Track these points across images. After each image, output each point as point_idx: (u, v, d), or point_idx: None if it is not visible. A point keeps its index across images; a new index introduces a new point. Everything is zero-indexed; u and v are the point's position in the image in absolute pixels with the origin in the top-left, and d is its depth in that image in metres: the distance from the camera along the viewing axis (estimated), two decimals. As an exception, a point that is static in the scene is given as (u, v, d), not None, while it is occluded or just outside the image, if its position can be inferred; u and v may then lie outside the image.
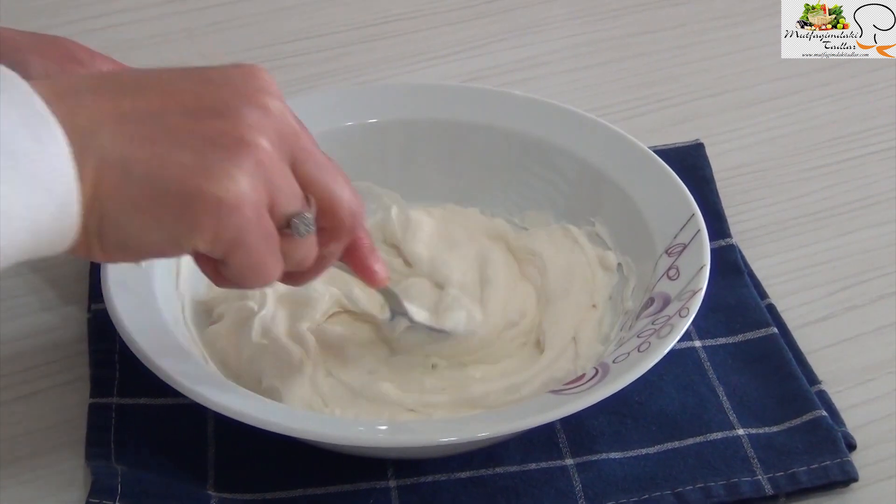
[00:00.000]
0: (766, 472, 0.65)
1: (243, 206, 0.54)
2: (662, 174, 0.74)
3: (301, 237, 0.57)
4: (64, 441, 0.68)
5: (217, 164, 0.53)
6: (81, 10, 1.00)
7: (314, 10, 1.01)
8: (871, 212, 0.83)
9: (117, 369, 0.70)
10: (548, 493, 0.65)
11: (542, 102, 0.80)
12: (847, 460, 0.66)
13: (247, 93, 0.56)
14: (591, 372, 0.64)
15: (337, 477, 0.66)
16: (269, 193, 0.55)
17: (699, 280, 0.67)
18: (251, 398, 0.64)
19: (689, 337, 0.72)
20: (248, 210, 0.54)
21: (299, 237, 0.57)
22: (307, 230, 0.57)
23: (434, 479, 0.66)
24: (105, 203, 0.53)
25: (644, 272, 0.71)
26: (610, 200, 0.75)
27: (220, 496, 0.65)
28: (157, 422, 0.68)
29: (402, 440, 0.62)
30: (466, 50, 0.97)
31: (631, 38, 0.99)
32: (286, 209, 0.56)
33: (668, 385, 0.69)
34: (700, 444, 0.67)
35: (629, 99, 0.92)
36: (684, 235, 0.70)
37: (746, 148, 0.88)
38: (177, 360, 0.64)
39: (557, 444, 0.67)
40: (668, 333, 0.64)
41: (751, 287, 0.75)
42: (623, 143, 0.77)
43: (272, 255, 0.57)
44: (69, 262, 0.78)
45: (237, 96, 0.55)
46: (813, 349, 0.73)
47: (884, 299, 0.77)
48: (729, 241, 0.78)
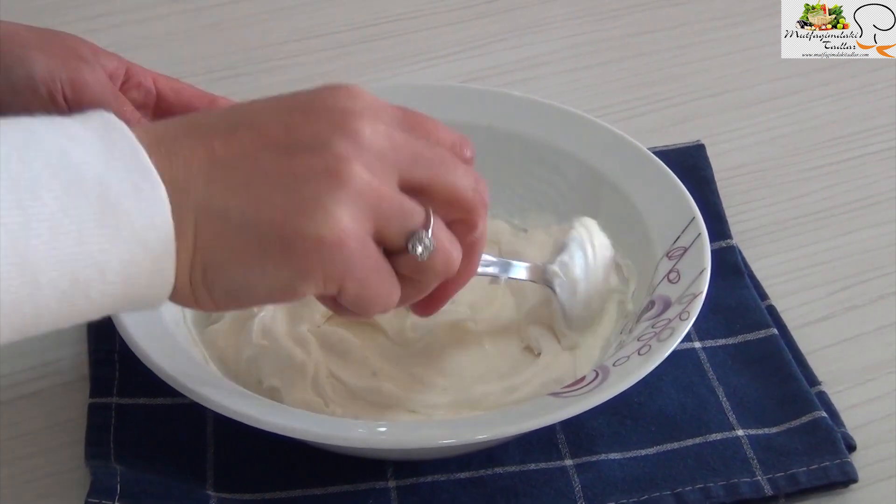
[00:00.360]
0: (765, 472, 0.65)
1: (346, 241, 0.53)
2: (663, 177, 0.74)
3: (422, 259, 0.56)
4: (63, 441, 0.68)
5: (312, 202, 0.52)
6: (82, 10, 1.00)
7: (314, 10, 1.01)
8: (871, 212, 0.83)
9: (117, 369, 0.70)
10: (547, 493, 0.65)
11: (542, 103, 0.80)
12: (847, 461, 0.66)
13: (336, 120, 0.54)
14: (591, 375, 0.64)
15: (336, 477, 0.66)
16: (374, 221, 0.54)
17: (700, 284, 0.67)
18: (251, 398, 0.64)
19: (689, 338, 0.72)
20: (352, 243, 0.53)
21: (422, 259, 0.56)
22: (426, 249, 0.56)
23: (433, 480, 0.66)
24: (207, 254, 0.52)
25: (644, 275, 0.71)
26: (610, 202, 0.75)
27: (219, 496, 0.65)
28: (157, 422, 0.68)
29: (402, 442, 0.62)
30: (466, 50, 0.97)
31: (631, 38, 0.99)
32: (400, 231, 0.55)
33: (667, 386, 0.70)
34: (700, 445, 0.67)
35: (629, 99, 0.92)
36: (685, 238, 0.70)
37: (746, 148, 0.88)
38: (176, 360, 0.64)
39: (557, 444, 0.67)
40: (669, 337, 0.64)
41: (751, 288, 0.75)
42: (624, 145, 0.76)
43: (385, 283, 0.56)
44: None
45: (327, 126, 0.54)
46: (813, 349, 0.73)
47: (884, 299, 0.77)
48: (729, 243, 0.78)
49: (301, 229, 0.52)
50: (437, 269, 0.57)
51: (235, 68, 0.95)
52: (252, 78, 0.94)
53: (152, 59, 0.80)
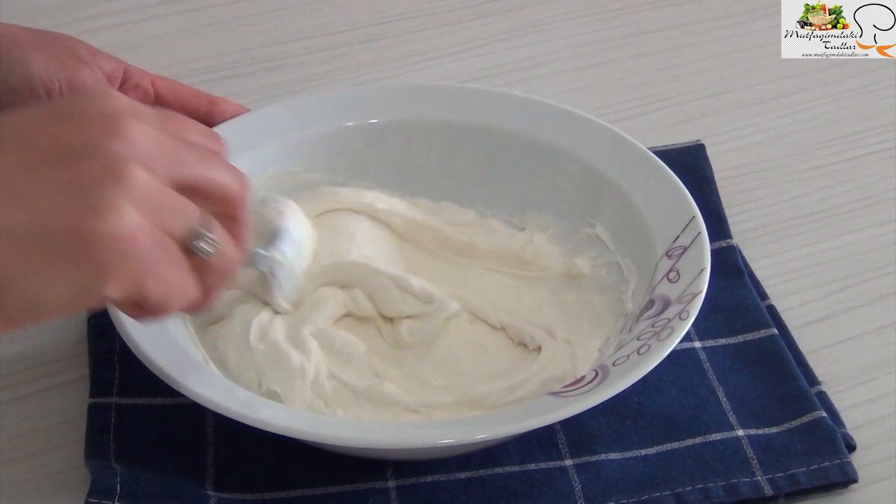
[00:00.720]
0: (765, 472, 0.65)
1: (140, 236, 0.52)
2: (663, 176, 0.74)
3: (209, 257, 0.56)
4: (63, 441, 0.68)
5: (99, 203, 0.52)
6: (81, 10, 1.00)
7: (314, 10, 1.01)
8: (871, 212, 0.83)
9: (117, 369, 0.70)
10: (547, 493, 0.65)
11: (543, 103, 0.80)
12: (847, 461, 0.66)
13: (101, 124, 0.54)
14: (591, 374, 0.64)
15: (336, 477, 0.66)
16: (160, 218, 0.54)
17: (699, 283, 0.67)
18: (251, 399, 0.64)
19: (688, 338, 0.72)
20: (146, 238, 0.53)
21: (208, 258, 0.56)
22: (211, 246, 0.56)
23: (433, 480, 0.66)
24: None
25: (644, 274, 0.71)
26: (610, 202, 0.75)
27: (219, 496, 0.65)
28: (157, 422, 0.68)
29: (402, 442, 0.62)
30: (466, 50, 0.97)
31: (631, 38, 0.99)
32: (183, 229, 0.55)
33: (667, 386, 0.70)
34: (699, 445, 0.67)
35: (629, 99, 0.92)
36: (685, 238, 0.70)
37: (746, 148, 0.88)
38: (176, 360, 0.64)
39: (557, 444, 0.67)
40: (668, 336, 0.64)
41: (751, 288, 0.75)
42: (624, 145, 0.76)
43: (184, 275, 0.55)
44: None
45: (94, 131, 0.53)
46: (812, 349, 0.73)
47: (884, 299, 0.77)
48: (729, 242, 0.78)
49: (93, 230, 0.52)
50: (220, 266, 0.57)
51: (235, 68, 0.95)
52: (252, 78, 0.94)
53: (152, 60, 0.80)
